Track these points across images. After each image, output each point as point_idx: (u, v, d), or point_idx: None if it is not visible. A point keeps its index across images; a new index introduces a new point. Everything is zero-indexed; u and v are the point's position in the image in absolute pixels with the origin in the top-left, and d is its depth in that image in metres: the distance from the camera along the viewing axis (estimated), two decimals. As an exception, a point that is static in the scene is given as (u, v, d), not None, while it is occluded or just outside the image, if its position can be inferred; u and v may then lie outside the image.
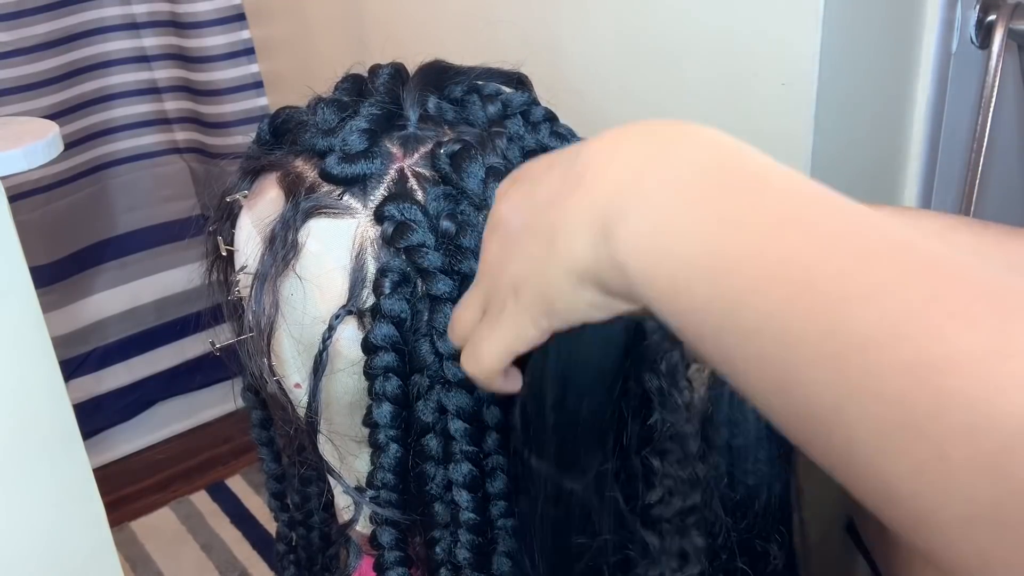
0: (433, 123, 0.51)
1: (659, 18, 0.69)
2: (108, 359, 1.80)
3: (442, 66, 0.54)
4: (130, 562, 1.61)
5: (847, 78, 0.63)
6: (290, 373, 0.52)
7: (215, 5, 1.52)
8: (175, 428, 1.88)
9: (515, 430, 0.47)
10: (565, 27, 0.77)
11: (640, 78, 0.73)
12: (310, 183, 0.49)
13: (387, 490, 0.48)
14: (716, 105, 0.68)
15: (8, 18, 1.46)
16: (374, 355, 0.46)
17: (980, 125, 0.69)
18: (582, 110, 0.59)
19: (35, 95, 1.53)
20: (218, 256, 0.56)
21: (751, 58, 0.64)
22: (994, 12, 0.68)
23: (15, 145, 0.55)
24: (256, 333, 0.50)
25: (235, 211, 0.53)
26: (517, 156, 0.50)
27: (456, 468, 0.47)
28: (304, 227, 0.48)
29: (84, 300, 1.74)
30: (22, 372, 0.56)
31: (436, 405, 0.47)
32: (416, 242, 0.46)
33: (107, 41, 1.61)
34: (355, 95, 0.52)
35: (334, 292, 0.48)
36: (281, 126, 0.53)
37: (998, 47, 0.68)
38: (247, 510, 1.72)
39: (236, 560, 1.62)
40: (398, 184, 0.49)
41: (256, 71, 1.56)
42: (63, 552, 0.61)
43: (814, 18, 0.59)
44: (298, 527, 0.70)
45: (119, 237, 1.76)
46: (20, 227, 0.54)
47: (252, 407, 0.64)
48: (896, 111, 0.69)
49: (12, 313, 0.54)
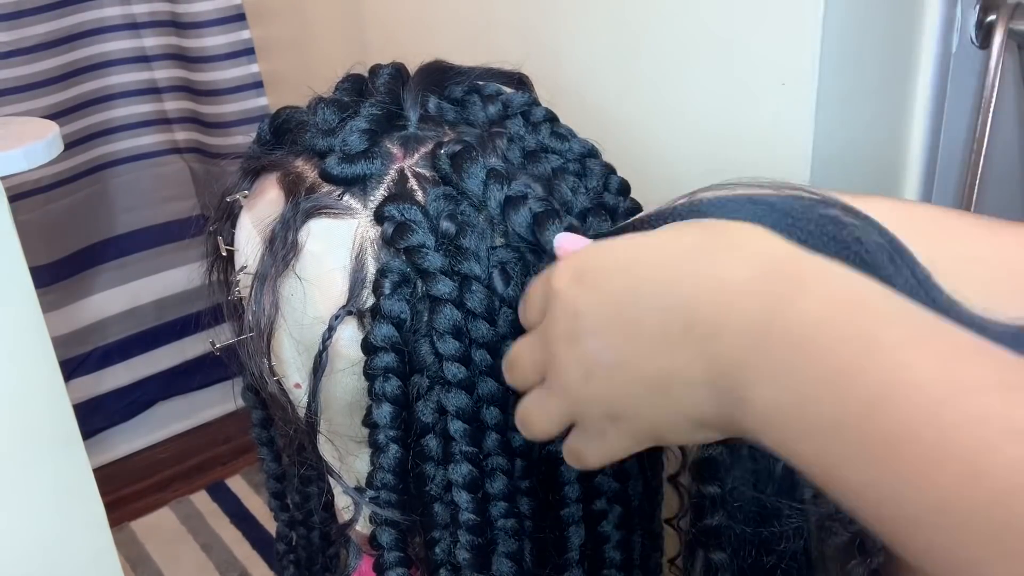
0: (433, 123, 0.51)
1: (659, 18, 0.69)
2: (108, 359, 1.80)
3: (442, 66, 0.54)
4: (130, 562, 1.61)
5: (847, 78, 0.63)
6: (290, 373, 0.52)
7: (215, 5, 1.52)
8: (175, 428, 1.88)
9: None
10: (565, 27, 0.77)
11: (640, 78, 0.73)
12: (310, 183, 0.49)
13: (387, 490, 0.48)
14: (716, 105, 0.68)
15: (8, 18, 1.46)
16: (374, 355, 0.46)
17: (980, 125, 0.69)
18: (582, 110, 0.59)
19: (35, 95, 1.53)
20: (218, 256, 0.56)
21: (751, 58, 0.64)
22: (994, 12, 0.68)
23: (15, 145, 0.55)
24: (256, 333, 0.50)
25: (235, 211, 0.53)
26: (517, 156, 0.50)
27: (456, 469, 0.47)
28: (304, 227, 0.48)
29: (84, 300, 1.74)
30: (22, 372, 0.56)
31: (436, 406, 0.47)
32: (416, 243, 0.46)
33: (107, 41, 1.61)
34: (355, 95, 0.52)
35: (334, 292, 0.48)
36: (281, 126, 0.53)
37: (998, 47, 0.67)
38: (247, 510, 1.72)
39: (236, 560, 1.62)
40: (398, 184, 0.49)
41: (256, 71, 1.56)
42: (63, 552, 0.61)
43: (814, 18, 0.59)
44: (298, 527, 0.70)
45: (119, 237, 1.76)
46: (20, 227, 0.54)
47: (252, 407, 0.64)
48: (896, 111, 0.69)
49: (12, 313, 0.54)
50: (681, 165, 0.72)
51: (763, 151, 0.66)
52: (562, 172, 0.50)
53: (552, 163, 0.51)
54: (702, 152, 0.70)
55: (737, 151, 0.68)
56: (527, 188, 0.48)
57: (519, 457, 0.48)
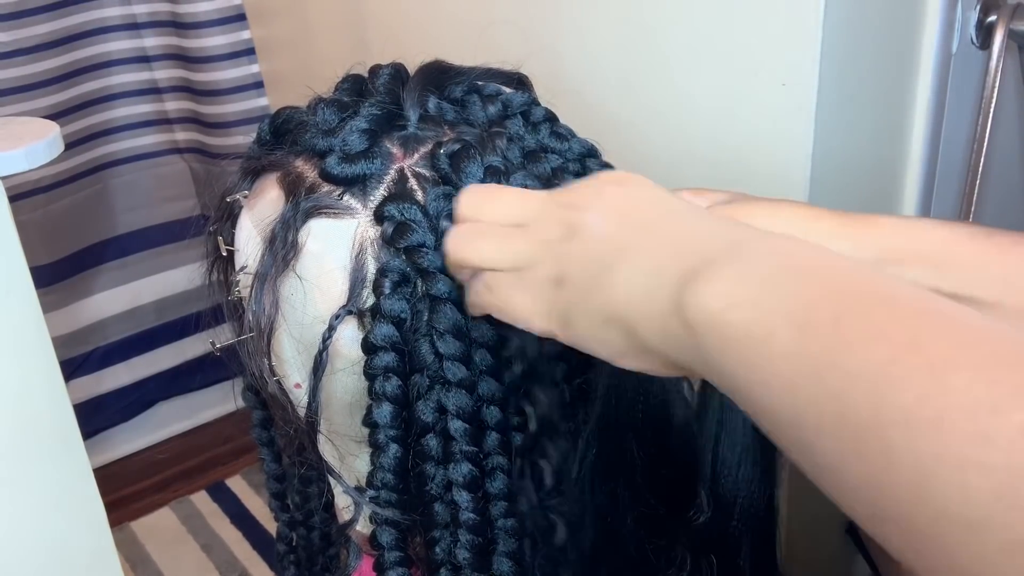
0: (433, 123, 0.51)
1: (659, 18, 0.69)
2: (108, 359, 1.80)
3: (442, 66, 0.54)
4: (130, 562, 1.61)
5: (847, 78, 0.63)
6: (290, 373, 0.52)
7: (215, 5, 1.52)
8: (175, 428, 1.88)
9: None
10: (565, 27, 0.77)
11: (640, 78, 0.73)
12: (310, 183, 0.49)
13: (387, 490, 0.48)
14: (716, 105, 0.68)
15: (8, 18, 1.46)
16: (374, 355, 0.46)
17: (980, 125, 0.69)
18: (582, 110, 0.59)
19: (35, 95, 1.53)
20: (218, 256, 0.56)
21: (751, 58, 0.64)
22: (994, 12, 0.68)
23: (15, 145, 0.55)
24: (256, 333, 0.50)
25: (235, 211, 0.53)
26: (517, 156, 0.50)
27: (456, 468, 0.47)
28: (304, 227, 0.48)
29: (84, 300, 1.74)
30: (22, 372, 0.56)
31: (436, 405, 0.47)
32: (416, 242, 0.46)
33: (107, 41, 1.61)
34: (355, 95, 0.52)
35: (334, 292, 0.48)
36: (281, 126, 0.53)
37: (998, 47, 0.68)
38: (247, 510, 1.72)
39: (236, 560, 1.61)
40: (398, 184, 0.49)
41: (256, 71, 1.56)
42: (63, 552, 0.61)
43: (814, 18, 0.59)
44: (298, 527, 0.70)
45: (119, 237, 1.76)
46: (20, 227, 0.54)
47: (252, 407, 0.64)
48: (896, 111, 0.69)
49: (12, 313, 0.54)
50: (681, 165, 0.72)
51: (763, 151, 0.66)
52: (562, 172, 0.50)
53: (552, 163, 0.51)
54: (702, 152, 0.70)
55: (737, 151, 0.68)
56: (526, 185, 0.48)
57: (519, 456, 0.48)
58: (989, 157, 0.70)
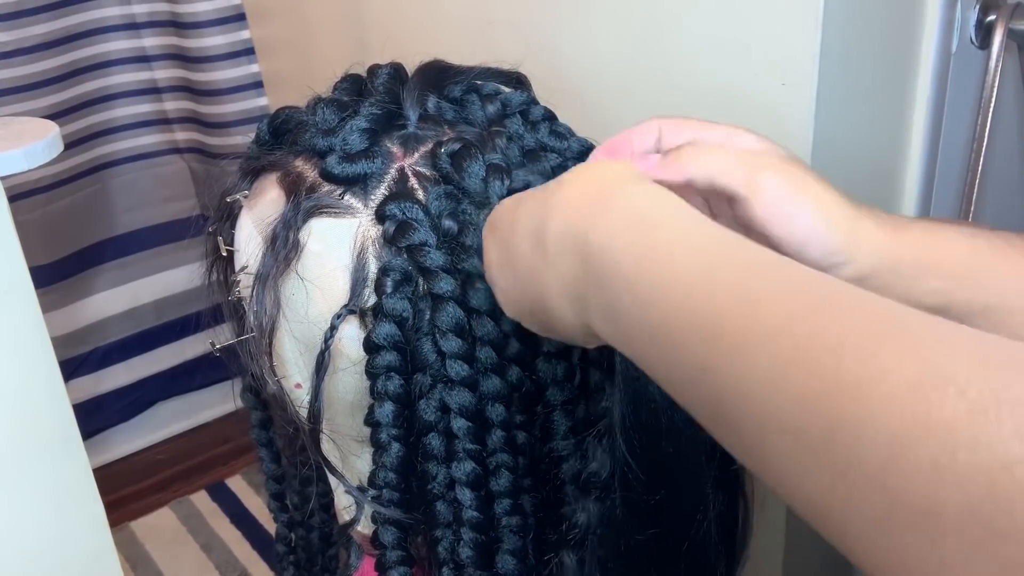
0: (433, 123, 0.51)
1: (659, 18, 0.69)
2: (108, 359, 1.80)
3: (441, 66, 0.54)
4: (130, 562, 1.61)
5: (847, 78, 0.63)
6: (291, 373, 0.52)
7: (215, 5, 1.52)
8: (175, 428, 1.88)
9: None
10: (565, 27, 0.77)
11: (640, 78, 0.73)
12: (311, 183, 0.49)
13: (389, 489, 0.48)
14: (716, 105, 0.68)
15: (8, 18, 1.46)
16: (376, 354, 0.46)
17: (980, 125, 0.69)
18: (582, 110, 0.59)
19: (35, 95, 1.53)
20: (218, 256, 0.56)
21: (751, 58, 0.64)
22: (994, 12, 0.68)
23: (15, 145, 0.55)
24: (257, 333, 0.50)
25: (235, 211, 0.53)
26: (516, 155, 0.50)
27: (459, 466, 0.47)
28: (305, 227, 0.48)
29: (84, 300, 1.74)
30: (22, 372, 0.56)
31: (438, 404, 0.47)
32: (418, 241, 0.46)
33: (107, 41, 1.61)
34: (355, 95, 0.52)
35: (336, 292, 0.48)
36: (281, 126, 0.53)
37: (998, 47, 0.67)
38: (247, 510, 1.72)
39: (236, 560, 1.61)
40: (399, 183, 0.49)
41: (256, 71, 1.56)
42: (63, 552, 0.61)
43: (814, 18, 0.59)
44: (298, 528, 0.70)
45: (119, 237, 1.75)
46: (20, 227, 0.54)
47: (252, 408, 0.64)
48: (896, 111, 0.69)
49: (12, 313, 0.54)
50: (681, 165, 0.72)
51: (763, 151, 0.66)
52: (561, 170, 0.50)
53: (551, 161, 0.51)
54: (702, 152, 0.70)
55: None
56: (528, 182, 0.48)
57: (523, 454, 0.48)
58: (989, 157, 0.70)
